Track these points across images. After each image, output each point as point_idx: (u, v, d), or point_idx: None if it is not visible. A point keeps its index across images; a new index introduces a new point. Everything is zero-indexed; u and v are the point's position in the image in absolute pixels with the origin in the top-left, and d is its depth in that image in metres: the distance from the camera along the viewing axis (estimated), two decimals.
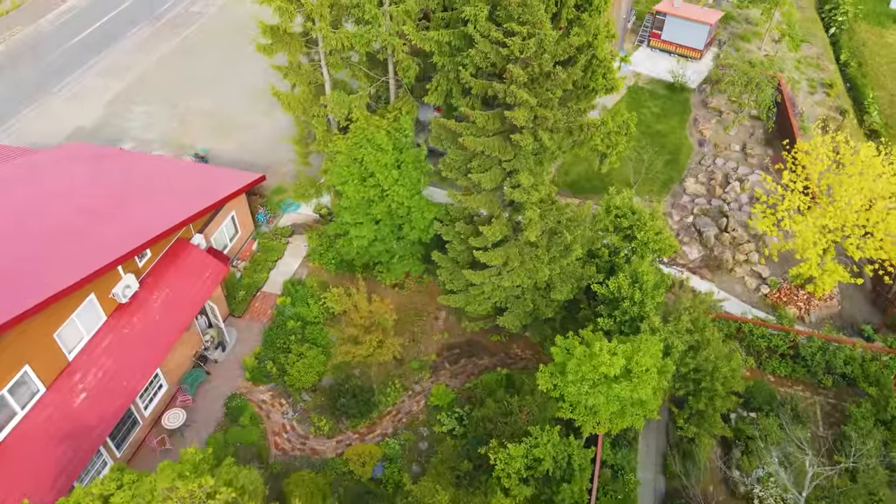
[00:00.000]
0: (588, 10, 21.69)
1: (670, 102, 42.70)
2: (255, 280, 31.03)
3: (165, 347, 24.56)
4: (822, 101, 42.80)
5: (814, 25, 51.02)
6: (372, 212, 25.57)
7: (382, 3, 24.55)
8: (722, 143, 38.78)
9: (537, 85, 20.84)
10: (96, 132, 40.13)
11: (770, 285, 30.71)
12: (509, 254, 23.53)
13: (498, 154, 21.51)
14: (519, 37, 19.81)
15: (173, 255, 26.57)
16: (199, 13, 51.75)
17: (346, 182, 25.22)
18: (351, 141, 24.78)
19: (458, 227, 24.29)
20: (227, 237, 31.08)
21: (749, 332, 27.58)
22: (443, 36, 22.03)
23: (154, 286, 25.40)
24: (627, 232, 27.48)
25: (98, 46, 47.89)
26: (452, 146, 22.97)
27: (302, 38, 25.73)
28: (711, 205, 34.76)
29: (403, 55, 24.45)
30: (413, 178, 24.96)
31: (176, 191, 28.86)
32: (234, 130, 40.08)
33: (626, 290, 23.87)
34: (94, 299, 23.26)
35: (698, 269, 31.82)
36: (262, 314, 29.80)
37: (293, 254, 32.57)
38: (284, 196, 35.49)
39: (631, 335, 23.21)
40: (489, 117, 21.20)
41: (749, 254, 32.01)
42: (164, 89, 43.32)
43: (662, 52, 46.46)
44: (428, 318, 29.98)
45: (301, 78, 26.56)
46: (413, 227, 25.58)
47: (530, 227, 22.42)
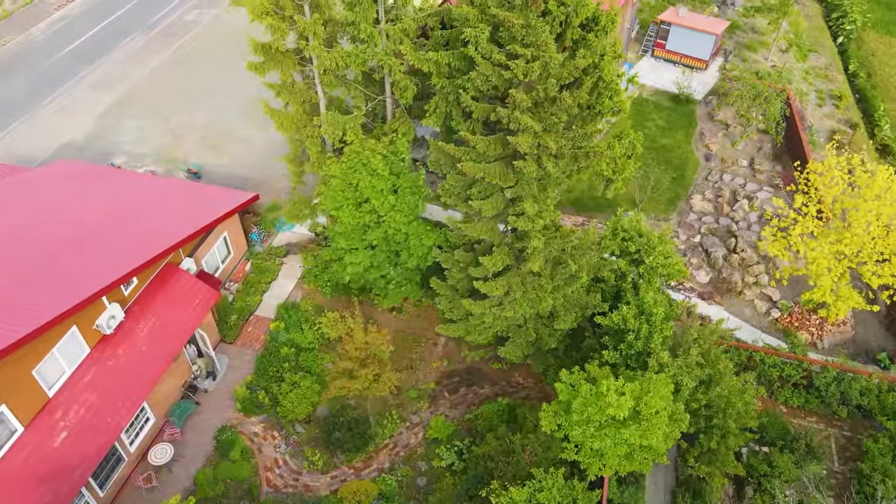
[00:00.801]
0: (594, 30, 20.62)
1: (675, 115, 41.63)
2: (248, 303, 29.96)
3: (152, 380, 23.49)
4: (831, 113, 41.75)
5: (821, 34, 49.98)
6: (367, 238, 24.51)
7: (379, 21, 23.50)
8: (729, 158, 37.73)
9: (541, 109, 19.79)
10: (87, 146, 39.07)
11: (781, 309, 29.64)
12: (511, 283, 22.48)
13: (499, 181, 20.45)
14: (522, 59, 18.75)
15: (161, 281, 25.51)
16: (193, 22, 50.73)
17: (341, 207, 24.16)
18: (345, 165, 23.71)
19: (458, 255, 23.22)
20: (219, 259, 30.02)
21: (760, 360, 26.50)
22: (442, 57, 20.98)
23: (141, 315, 24.35)
24: (635, 256, 26.49)
25: (90, 57, 46.87)
26: (452, 171, 21.91)
27: (295, 56, 24.68)
28: (719, 224, 33.69)
29: (401, 75, 23.39)
30: (410, 203, 23.89)
31: (166, 212, 27.81)
32: (227, 144, 39.05)
33: (631, 323, 22.82)
34: (77, 332, 22.21)
35: (706, 292, 30.74)
36: (254, 340, 28.73)
37: (288, 275, 31.50)
38: (279, 214, 34.42)
39: (638, 370, 22.17)
40: (490, 142, 20.15)
41: (759, 276, 30.94)
42: (157, 102, 42.29)
43: (667, 62, 45.39)
44: (427, 343, 28.91)
45: (294, 97, 25.51)
46: (411, 253, 24.51)
47: (533, 256, 21.36)
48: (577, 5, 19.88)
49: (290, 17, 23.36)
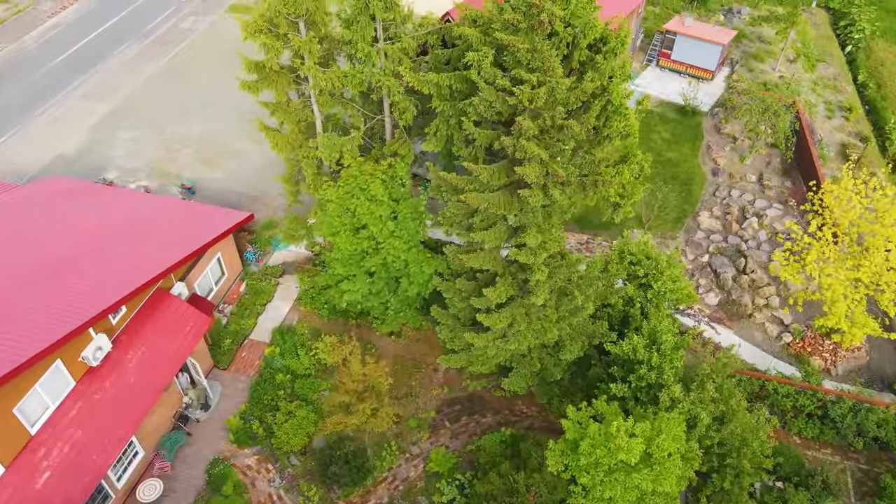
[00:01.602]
0: (602, 51, 19.65)
1: (681, 127, 40.68)
2: (243, 327, 29.00)
3: (141, 413, 22.51)
4: (841, 126, 40.79)
5: (829, 43, 49.02)
6: (365, 264, 23.52)
7: (377, 39, 22.52)
8: (737, 173, 36.78)
9: (547, 136, 18.83)
10: (79, 159, 38.12)
11: (793, 334, 28.68)
12: (515, 315, 21.50)
13: (503, 211, 19.49)
14: (528, 85, 17.79)
15: (151, 308, 24.54)
16: (189, 30, 49.78)
17: (337, 233, 23.18)
18: (342, 190, 22.74)
19: (460, 284, 22.25)
20: (213, 281, 29.05)
21: (773, 390, 25.55)
22: (443, 79, 20.01)
23: (129, 345, 23.37)
24: (643, 280, 25.57)
25: (83, 66, 45.91)
26: (453, 198, 20.93)
27: (290, 75, 23.71)
28: (728, 242, 32.72)
29: (400, 96, 22.41)
30: (411, 229, 22.90)
31: (157, 234, 26.82)
32: (222, 158, 38.09)
33: (641, 353, 21.88)
34: (61, 365, 21.23)
35: (715, 315, 29.77)
36: (248, 366, 27.76)
37: (283, 296, 30.53)
38: (275, 232, 33.47)
39: (649, 405, 21.22)
40: (495, 171, 19.18)
41: (769, 298, 29.99)
42: (151, 113, 41.32)
43: (672, 71, 44.44)
44: (427, 369, 27.94)
45: (289, 116, 24.53)
46: (411, 281, 23.49)
47: (538, 289, 20.39)
48: (585, 27, 18.92)
49: (285, 36, 22.38)
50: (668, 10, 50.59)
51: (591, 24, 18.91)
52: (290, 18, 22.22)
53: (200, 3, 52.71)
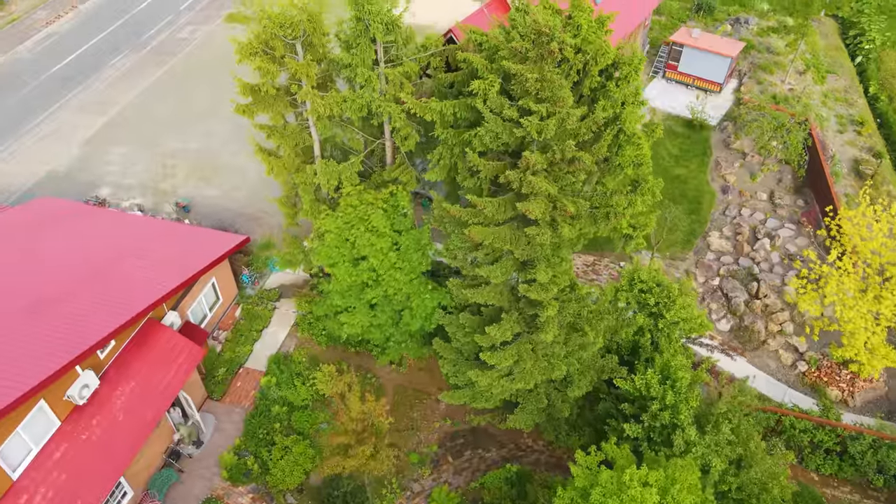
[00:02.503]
0: (615, 78, 18.67)
1: (689, 142, 39.66)
2: (238, 354, 28.01)
3: (130, 453, 21.51)
4: (852, 140, 39.74)
5: (839, 54, 47.94)
6: (366, 296, 22.49)
7: (377, 62, 21.51)
8: (747, 191, 35.75)
9: (557, 168, 17.83)
10: (71, 176, 37.17)
11: (808, 362, 27.65)
12: (521, 352, 20.49)
13: (510, 247, 18.48)
14: (536, 116, 16.80)
15: (141, 339, 23.56)
16: (186, 40, 48.82)
17: (336, 264, 22.18)
18: (341, 220, 21.73)
19: (463, 318, 21.23)
20: (207, 307, 28.07)
21: (790, 425, 24.52)
22: (447, 107, 19.00)
23: (118, 380, 22.38)
24: (653, 310, 24.58)
25: (78, 77, 44.98)
26: (457, 230, 19.94)
27: (287, 97, 22.72)
28: (739, 265, 31.69)
29: (402, 122, 21.41)
30: (413, 260, 21.87)
31: (149, 261, 25.80)
32: (219, 174, 37.12)
33: (656, 390, 20.88)
34: (45, 406, 20.25)
35: (728, 342, 28.76)
36: (244, 396, 26.77)
37: (280, 322, 29.55)
38: (272, 252, 32.48)
39: (663, 448, 20.19)
40: (500, 204, 18.18)
41: (783, 324, 28.95)
42: (146, 127, 40.37)
43: (678, 83, 43.43)
44: (429, 400, 26.93)
45: (286, 140, 23.52)
46: (413, 315, 22.42)
47: (547, 325, 19.38)
48: (597, 53, 17.92)
49: (281, 58, 21.38)
50: (674, 20, 49.57)
51: (602, 51, 17.91)
52: (287, 40, 21.23)
53: (198, 12, 51.79)
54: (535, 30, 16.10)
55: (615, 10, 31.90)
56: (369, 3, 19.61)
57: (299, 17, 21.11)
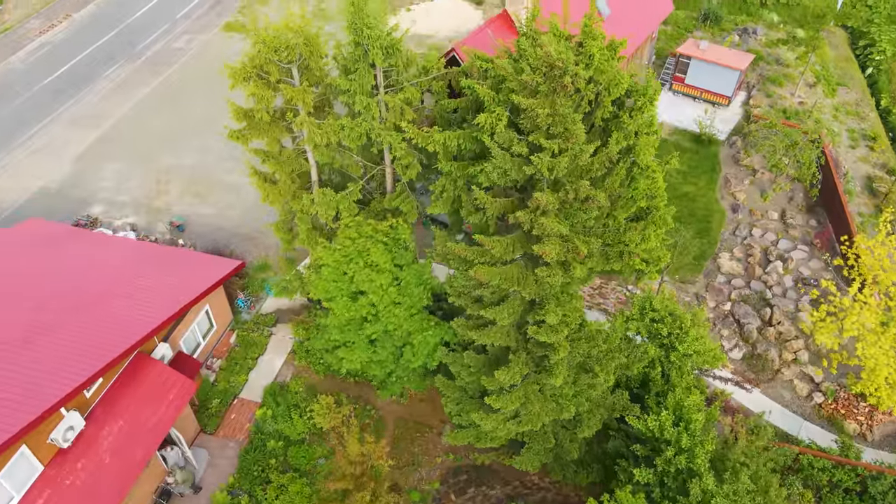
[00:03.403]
0: (628, 108, 17.66)
1: (697, 157, 38.63)
2: (232, 385, 26.99)
3: (117, 498, 20.47)
4: (865, 156, 38.75)
5: (849, 65, 46.94)
6: (366, 331, 21.45)
7: (377, 86, 20.48)
8: (758, 210, 34.74)
9: (567, 206, 16.81)
10: (63, 193, 36.16)
11: (825, 394, 26.64)
12: (528, 394, 19.47)
13: (518, 288, 17.46)
14: (547, 153, 15.78)
15: (130, 375, 22.54)
16: (182, 49, 47.78)
17: (333, 298, 21.16)
18: (339, 253, 20.71)
19: (468, 358, 20.20)
20: (200, 335, 27.05)
21: (808, 463, 23.52)
22: (450, 139, 17.98)
23: (105, 420, 21.35)
24: (665, 341, 23.61)
25: (71, 89, 43.96)
26: (461, 266, 18.91)
27: (283, 123, 21.71)
28: (751, 289, 30.68)
29: (402, 151, 20.37)
30: (414, 295, 20.84)
31: (140, 289, 24.77)
32: (214, 191, 36.11)
33: (669, 433, 19.88)
34: (27, 451, 19.22)
35: (740, 371, 27.73)
36: (238, 429, 25.74)
37: (277, 349, 28.51)
38: (268, 275, 31.48)
39: (679, 496, 19.18)
40: (509, 243, 17.16)
41: (798, 353, 27.94)
42: (140, 141, 39.35)
43: (686, 96, 42.43)
44: (431, 433, 25.89)
45: (282, 166, 22.48)
46: (415, 352, 21.38)
47: (557, 368, 18.35)
48: (610, 83, 16.91)
49: (277, 83, 20.35)
50: (680, 30, 48.57)
51: (616, 81, 16.90)
52: (282, 64, 20.21)
53: (194, 21, 50.76)
54: (546, 62, 15.08)
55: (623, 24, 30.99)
56: (368, 28, 18.61)
57: (295, 39, 20.10)
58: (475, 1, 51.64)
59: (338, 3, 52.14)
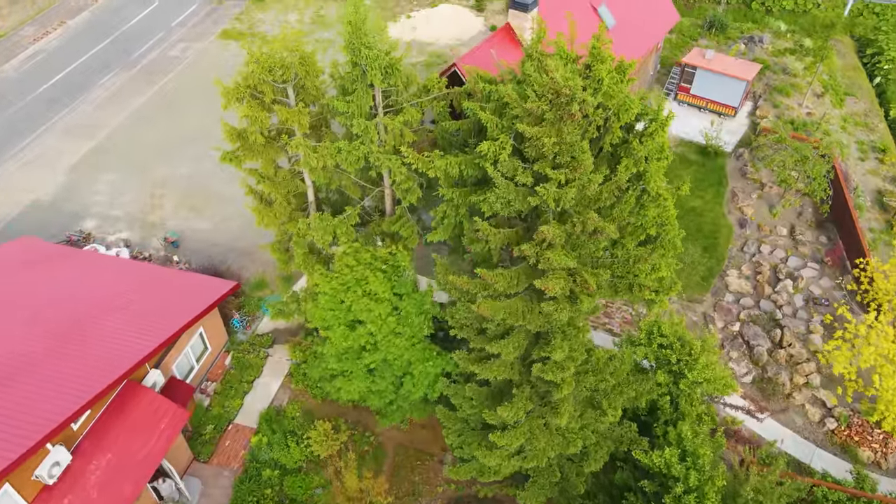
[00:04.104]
0: (638, 133, 16.87)
1: (703, 170, 37.81)
2: (227, 409, 26.19)
3: None
4: (875, 170, 37.92)
5: (856, 74, 46.11)
6: (364, 360, 20.64)
7: (376, 107, 19.67)
8: (766, 225, 33.92)
9: (576, 238, 16.01)
10: (56, 206, 35.38)
11: (838, 419, 25.83)
12: (533, 429, 18.66)
13: (523, 322, 16.66)
14: (554, 183, 14.98)
15: (120, 404, 21.74)
16: (178, 58, 46.99)
17: (330, 327, 20.36)
18: (336, 282, 19.91)
19: (470, 390, 19.40)
20: (194, 358, 26.26)
21: (823, 496, 22.72)
22: (451, 165, 17.18)
23: (92, 453, 20.55)
24: (674, 368, 22.84)
25: (65, 98, 43.18)
26: (463, 297, 18.11)
27: (278, 144, 20.91)
28: (761, 308, 29.85)
29: (402, 176, 19.55)
30: (414, 325, 20.02)
31: (131, 313, 23.98)
32: (210, 204, 35.31)
33: (677, 469, 19.08)
34: (10, 490, 18.42)
35: (751, 395, 26.91)
36: (233, 457, 24.94)
37: (273, 371, 27.71)
38: (265, 293, 30.69)
39: None
40: (513, 277, 16.36)
41: (810, 376, 27.13)
42: (135, 152, 38.57)
43: (691, 106, 41.63)
44: (432, 461, 25.10)
45: (278, 188, 21.68)
46: (415, 383, 20.55)
47: (562, 406, 17.55)
48: (620, 108, 16.11)
49: (272, 103, 19.55)
50: (685, 38, 47.77)
51: (626, 106, 16.10)
52: (277, 84, 19.40)
53: (190, 29, 49.97)
54: (552, 89, 14.28)
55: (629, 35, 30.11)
56: (366, 48, 17.81)
57: (290, 59, 19.30)
58: (477, 8, 50.82)
59: (337, 9, 51.37)
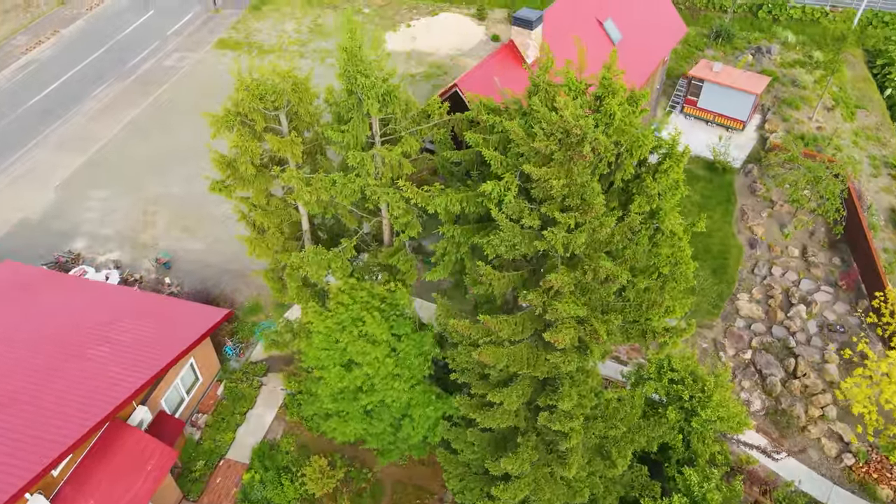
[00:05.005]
0: (652, 170, 15.83)
1: (711, 187, 36.75)
2: (219, 444, 25.15)
3: None
4: (888, 186, 36.82)
5: (867, 86, 45.00)
6: (360, 402, 19.56)
7: (373, 136, 18.60)
8: (777, 245, 32.84)
9: (584, 284, 14.95)
10: (45, 225, 34.39)
11: (856, 455, 24.77)
12: (539, 478, 17.60)
13: (528, 370, 15.61)
14: (562, 228, 13.93)
15: (104, 446, 20.71)
16: (173, 68, 46.00)
17: (325, 367, 19.30)
18: (331, 321, 18.85)
19: (472, 435, 18.34)
20: (184, 390, 25.24)
21: None
22: (452, 201, 16.12)
23: (74, 500, 19.50)
24: (686, 404, 21.80)
25: (57, 110, 42.23)
26: (465, 340, 17.06)
27: (269, 174, 19.85)
28: (773, 335, 28.78)
29: (401, 210, 18.47)
30: (413, 366, 18.95)
31: (118, 346, 22.92)
32: (203, 224, 34.28)
33: None
34: None
35: (764, 428, 25.83)
36: (224, 495, 23.90)
37: (267, 401, 26.67)
38: (260, 317, 29.66)
39: None
40: (518, 323, 15.31)
41: (825, 408, 26.06)
42: (128, 167, 37.60)
43: (698, 119, 40.56)
44: (431, 499, 24.01)
45: (270, 217, 20.61)
46: (414, 426, 19.47)
47: (570, 458, 16.49)
48: (633, 145, 15.07)
49: (263, 131, 18.50)
50: (691, 48, 46.69)
51: (639, 142, 15.05)
52: (268, 112, 18.35)
53: (186, 38, 48.97)
54: (562, 128, 13.23)
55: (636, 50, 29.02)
56: (363, 76, 16.76)
57: (283, 85, 18.24)
58: (478, 16, 49.79)
59: (335, 18, 50.37)
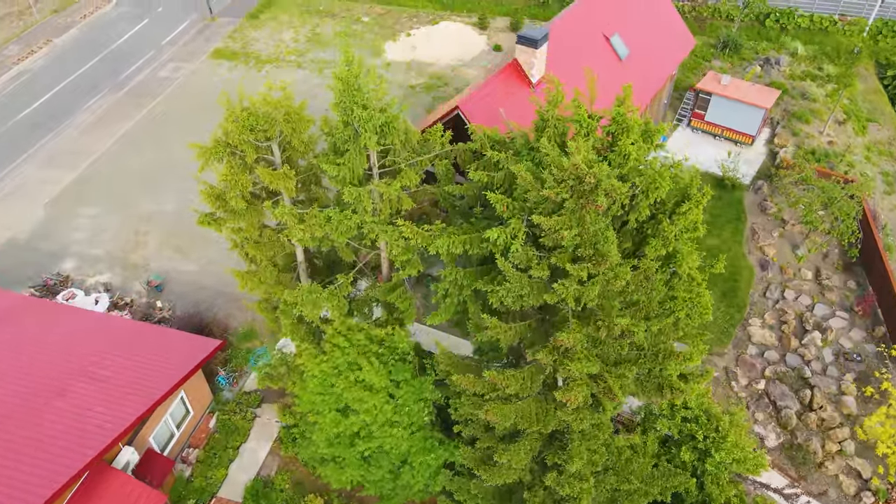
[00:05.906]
0: (668, 211, 14.77)
1: (720, 204, 35.62)
2: (210, 481, 24.09)
3: None
4: None
5: (878, 98, 43.92)
6: (358, 448, 18.49)
7: (370, 169, 17.54)
8: (790, 267, 31.77)
9: (597, 339, 13.90)
10: (32, 245, 33.34)
11: (875, 494, 23.72)
12: None
13: (537, 427, 14.56)
14: (574, 279, 12.86)
15: (86, 492, 19.64)
16: (168, 79, 44.98)
17: (320, 413, 18.25)
18: (327, 365, 17.80)
19: (475, 488, 17.27)
20: (174, 425, 24.18)
21: None
22: (455, 244, 15.05)
23: None
24: (700, 445, 20.78)
25: (48, 123, 41.20)
26: (467, 391, 15.98)
27: (262, 206, 18.79)
28: (787, 364, 27.71)
29: (399, 249, 17.41)
30: (413, 412, 17.89)
31: (102, 382, 21.85)
32: (197, 244, 33.17)
33: None
34: None
35: (779, 464, 24.77)
36: None
37: (261, 434, 25.61)
38: (255, 344, 28.62)
39: None
40: (526, 377, 14.25)
41: (843, 442, 25.01)
42: (119, 184, 36.55)
43: (705, 133, 39.51)
44: None
45: (263, 250, 19.55)
46: (415, 474, 18.41)
47: None
48: (649, 186, 14.00)
49: (255, 162, 17.45)
50: (698, 59, 45.62)
51: (655, 184, 13.99)
52: (260, 143, 17.30)
53: (181, 47, 47.93)
54: (574, 175, 12.17)
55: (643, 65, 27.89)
56: (361, 108, 15.70)
57: (275, 115, 17.19)
58: (479, 26, 48.77)
59: (333, 27, 49.35)
